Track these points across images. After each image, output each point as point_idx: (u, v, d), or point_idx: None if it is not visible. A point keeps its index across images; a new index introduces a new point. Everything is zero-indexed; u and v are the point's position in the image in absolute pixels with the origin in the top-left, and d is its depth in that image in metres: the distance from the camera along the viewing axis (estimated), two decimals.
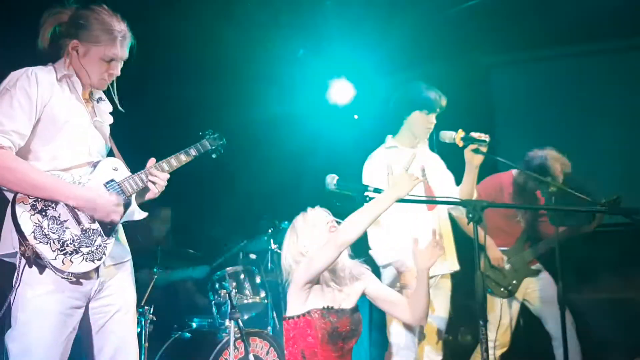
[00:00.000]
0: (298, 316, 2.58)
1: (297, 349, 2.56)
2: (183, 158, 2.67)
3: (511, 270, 4.15)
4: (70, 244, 2.28)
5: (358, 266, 2.82)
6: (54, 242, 2.25)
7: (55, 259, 2.23)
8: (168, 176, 2.58)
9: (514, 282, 4.14)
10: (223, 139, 2.85)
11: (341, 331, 2.56)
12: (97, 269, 2.36)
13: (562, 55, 5.61)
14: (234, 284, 4.13)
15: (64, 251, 2.26)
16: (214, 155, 2.84)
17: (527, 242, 4.27)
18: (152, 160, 2.59)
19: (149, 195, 2.58)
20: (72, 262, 2.26)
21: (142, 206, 2.60)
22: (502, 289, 4.11)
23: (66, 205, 2.31)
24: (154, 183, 2.54)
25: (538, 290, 4.23)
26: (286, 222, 4.02)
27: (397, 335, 3.31)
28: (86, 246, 2.31)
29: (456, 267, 3.55)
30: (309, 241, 2.71)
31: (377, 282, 2.89)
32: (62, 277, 2.25)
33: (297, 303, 2.61)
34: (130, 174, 2.54)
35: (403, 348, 3.30)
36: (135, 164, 2.60)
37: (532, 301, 4.26)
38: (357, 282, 2.78)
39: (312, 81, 5.55)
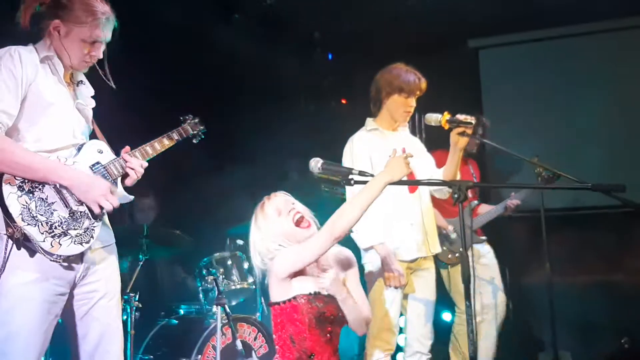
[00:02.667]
0: (284, 302, 2.53)
1: (286, 333, 2.53)
2: (166, 142, 2.64)
3: (457, 238, 4.25)
4: (59, 226, 2.25)
5: (344, 253, 2.75)
6: (42, 224, 2.22)
7: (44, 241, 2.21)
8: (146, 164, 2.53)
9: (461, 249, 4.19)
10: (204, 124, 2.84)
11: (328, 316, 2.52)
12: (82, 254, 2.34)
13: (550, 38, 5.60)
14: (222, 270, 4.11)
15: (52, 233, 2.23)
16: (195, 141, 2.83)
17: (472, 213, 4.42)
18: (126, 149, 2.54)
19: (126, 183, 2.53)
20: (60, 244, 2.24)
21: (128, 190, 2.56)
22: (449, 256, 4.23)
23: (54, 187, 2.27)
24: (132, 169, 2.48)
25: (486, 264, 4.38)
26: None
27: (378, 317, 3.31)
28: (74, 229, 2.29)
29: (438, 249, 3.55)
30: (276, 235, 2.59)
31: (356, 279, 2.76)
32: (51, 260, 2.22)
33: (281, 290, 2.55)
34: (115, 156, 2.51)
35: (384, 330, 3.30)
36: (119, 148, 2.56)
37: (479, 273, 4.36)
38: (340, 270, 2.70)
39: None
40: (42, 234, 2.21)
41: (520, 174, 5.20)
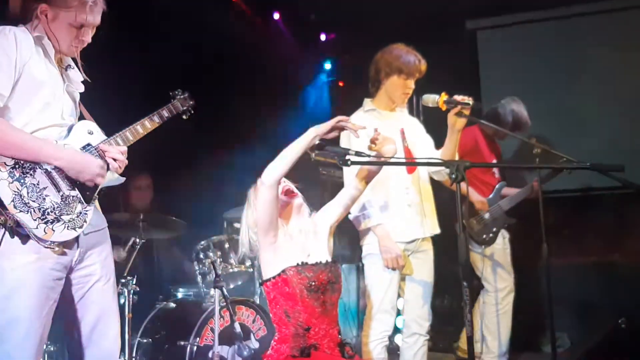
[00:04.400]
0: (274, 277, 2.58)
1: (280, 309, 2.57)
2: (156, 119, 2.59)
3: (490, 218, 4.26)
4: (51, 212, 2.23)
5: (313, 219, 2.82)
6: (34, 210, 2.19)
7: (37, 228, 2.18)
8: (124, 149, 2.47)
9: (494, 229, 4.27)
10: (193, 98, 2.80)
11: (318, 285, 2.56)
12: (77, 238, 2.32)
13: (548, 18, 5.57)
14: (219, 253, 4.11)
15: (45, 220, 2.20)
16: (184, 117, 2.79)
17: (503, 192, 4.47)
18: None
19: (115, 172, 2.48)
20: (53, 230, 2.21)
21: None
22: (484, 237, 4.25)
23: (45, 172, 2.25)
24: (112, 159, 2.43)
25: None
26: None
27: (376, 299, 3.31)
28: (67, 214, 2.27)
29: (437, 230, 3.53)
30: None
31: (327, 208, 2.87)
32: (45, 247, 2.21)
33: (270, 264, 2.61)
34: (105, 137, 2.47)
35: (381, 312, 3.31)
36: (108, 130, 2.52)
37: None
38: (319, 230, 2.76)
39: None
40: (35, 220, 2.18)
41: (521, 155, 5.22)
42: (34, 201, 2.20)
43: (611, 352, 4.21)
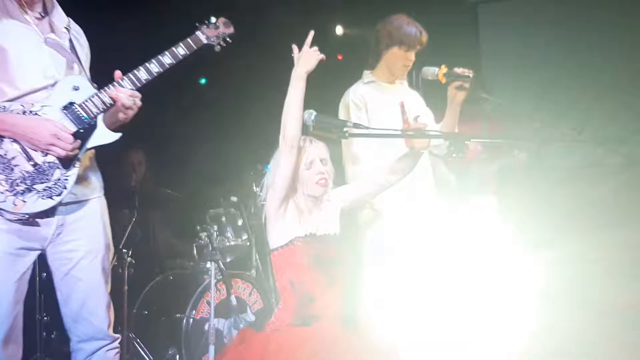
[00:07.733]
0: (282, 246, 2.54)
1: (286, 279, 2.54)
2: (167, 61, 2.31)
3: None
4: (21, 182, 2.12)
5: (329, 191, 2.75)
6: (1, 183, 2.09)
7: (5, 201, 2.09)
8: (137, 94, 2.27)
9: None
10: (230, 25, 2.47)
11: (325, 258, 2.54)
12: (53, 208, 2.19)
13: None
14: (216, 226, 4.09)
15: (14, 191, 2.11)
16: (217, 49, 2.48)
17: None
18: (117, 73, 2.29)
19: (119, 117, 2.28)
20: (24, 202, 2.12)
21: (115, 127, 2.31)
22: None
23: (14, 140, 2.13)
24: (121, 103, 2.23)
25: None
26: (268, 167, 3.96)
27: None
28: (41, 182, 2.14)
29: None
30: None
31: (343, 190, 2.80)
32: (14, 220, 2.11)
33: (278, 233, 2.56)
34: (95, 91, 2.26)
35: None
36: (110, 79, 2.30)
37: None
38: (331, 204, 2.71)
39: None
40: (2, 193, 2.09)
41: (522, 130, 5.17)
42: (0, 173, 2.10)
43: None
